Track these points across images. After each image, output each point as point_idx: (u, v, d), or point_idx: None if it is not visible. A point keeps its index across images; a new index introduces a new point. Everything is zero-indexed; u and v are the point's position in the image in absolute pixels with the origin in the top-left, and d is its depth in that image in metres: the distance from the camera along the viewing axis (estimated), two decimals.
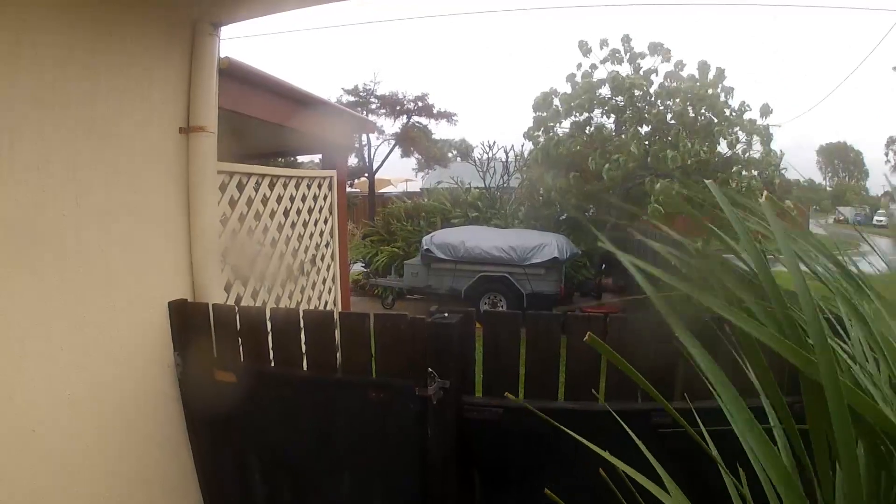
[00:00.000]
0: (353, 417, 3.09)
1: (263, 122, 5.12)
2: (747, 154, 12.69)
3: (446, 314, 2.85)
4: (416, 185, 35.59)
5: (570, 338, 2.84)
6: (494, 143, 22.72)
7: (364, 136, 28.15)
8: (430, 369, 2.78)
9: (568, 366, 2.86)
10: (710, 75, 12.78)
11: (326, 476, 3.25)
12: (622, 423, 1.72)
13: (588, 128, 14.19)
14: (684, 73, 13.25)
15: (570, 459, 2.74)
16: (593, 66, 13.87)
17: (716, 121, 12.90)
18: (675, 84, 13.21)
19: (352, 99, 28.97)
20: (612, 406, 2.76)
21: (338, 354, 3.14)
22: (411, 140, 31.23)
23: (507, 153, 19.59)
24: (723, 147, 12.80)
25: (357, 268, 16.24)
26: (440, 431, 2.86)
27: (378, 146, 30.97)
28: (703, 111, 12.79)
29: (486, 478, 2.98)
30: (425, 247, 13.16)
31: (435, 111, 30.95)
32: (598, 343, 1.09)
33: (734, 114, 12.75)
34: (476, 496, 2.97)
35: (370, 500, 3.17)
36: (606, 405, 2.41)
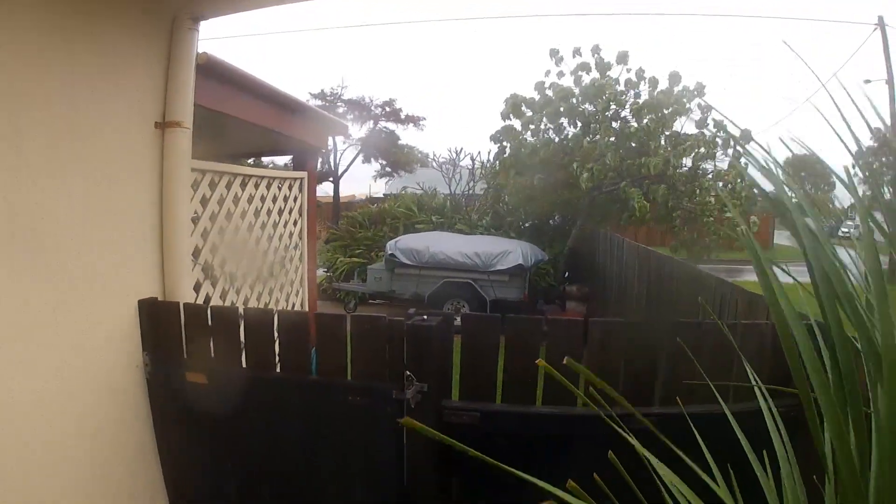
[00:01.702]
0: (329, 421, 3.05)
1: (236, 120, 5.06)
2: (713, 164, 12.83)
3: (425, 316, 2.83)
4: (380, 191, 35.52)
5: (550, 342, 2.84)
6: (461, 149, 22.75)
7: (330, 140, 28.08)
8: (408, 372, 2.76)
9: (546, 370, 2.86)
10: (679, 87, 12.91)
11: (300, 481, 3.20)
12: (654, 423, 1.69)
13: (559, 135, 14.25)
14: (649, 83, 13.38)
15: (548, 464, 2.74)
16: (560, 74, 13.94)
17: (685, 135, 13.05)
18: (644, 92, 13.34)
19: (319, 103, 28.85)
20: (591, 412, 2.77)
21: (312, 355, 3.10)
22: (377, 145, 31.17)
23: (473, 160, 19.68)
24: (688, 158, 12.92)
25: (320, 272, 16.14)
26: (419, 435, 2.83)
27: (344, 150, 30.92)
28: (668, 127, 12.94)
29: (464, 482, 2.96)
30: (389, 251, 13.13)
31: (402, 116, 30.98)
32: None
33: (709, 132, 12.90)
34: (454, 500, 2.95)
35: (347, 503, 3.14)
36: (619, 409, 2.41)
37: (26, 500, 2.69)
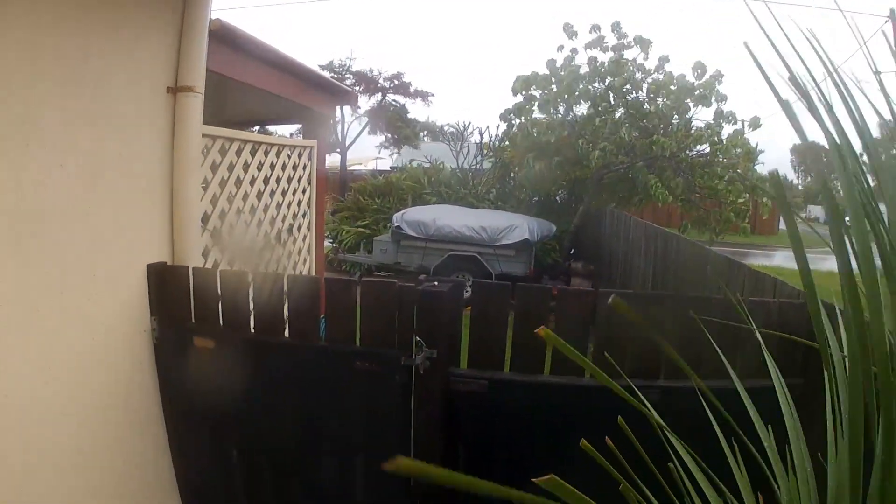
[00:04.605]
0: (336, 387, 3.06)
1: (246, 87, 5.05)
2: (724, 150, 12.72)
3: (436, 282, 2.83)
4: (386, 164, 35.47)
5: (559, 312, 2.84)
6: (469, 123, 22.66)
7: (338, 112, 27.98)
8: (417, 338, 2.76)
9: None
10: (705, 78, 12.80)
11: (307, 446, 3.22)
12: (659, 396, 1.69)
13: (569, 113, 14.14)
14: (669, 69, 13.28)
15: (555, 432, 2.75)
16: (574, 51, 13.81)
17: (698, 125, 13.00)
18: (660, 77, 13.22)
19: (327, 74, 28.73)
20: (597, 382, 2.78)
21: (321, 321, 3.10)
22: (385, 119, 31.10)
23: (481, 134, 19.62)
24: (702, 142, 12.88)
25: (326, 243, 16.14)
26: (426, 402, 2.84)
27: (351, 122, 30.84)
28: (685, 113, 12.87)
29: (471, 450, 2.98)
30: (396, 223, 13.12)
31: (411, 90, 30.89)
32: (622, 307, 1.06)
33: (722, 121, 12.79)
34: (460, 468, 2.97)
35: (352, 473, 3.15)
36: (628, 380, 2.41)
37: (31, 462, 2.69)
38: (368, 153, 35.40)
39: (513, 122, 14.89)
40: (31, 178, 2.57)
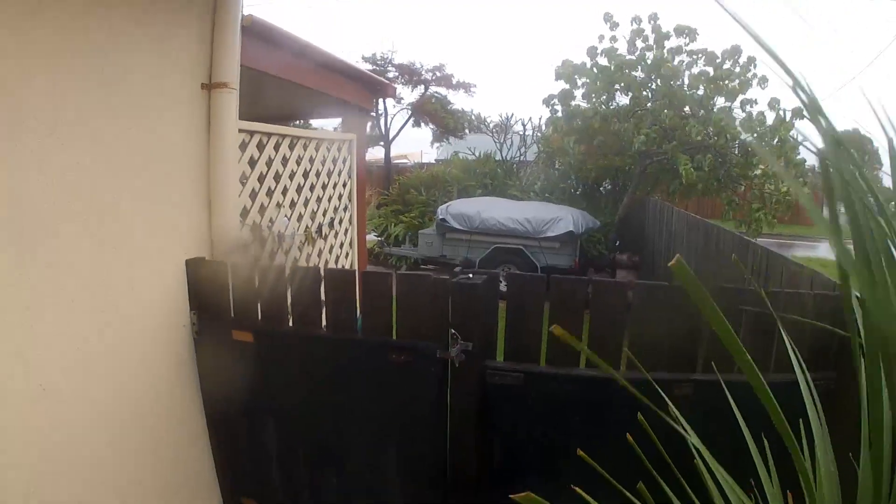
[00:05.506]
0: (372, 380, 3.06)
1: (282, 82, 5.09)
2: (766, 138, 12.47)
3: (471, 275, 2.82)
4: (430, 157, 35.40)
5: (594, 304, 2.80)
6: (512, 115, 22.49)
7: (381, 106, 27.97)
8: (452, 331, 2.75)
9: (591, 333, 2.82)
10: (741, 61, 12.57)
11: (344, 438, 3.23)
12: (694, 389, 1.66)
13: (610, 102, 13.99)
14: (706, 57, 13.05)
15: (591, 425, 2.72)
16: (614, 39, 13.65)
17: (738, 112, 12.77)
18: (699, 67, 13.01)
19: (369, 67, 28.71)
20: (634, 375, 2.74)
21: (358, 314, 3.11)
22: (428, 111, 31.02)
23: (524, 125, 19.53)
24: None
25: (371, 237, 16.18)
26: (462, 395, 2.83)
27: (394, 115, 30.83)
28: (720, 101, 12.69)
29: (506, 442, 2.96)
30: (440, 216, 13.10)
31: (453, 82, 30.72)
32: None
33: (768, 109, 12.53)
34: (495, 461, 2.95)
35: (387, 464, 3.15)
36: (659, 374, 2.37)
37: (67, 455, 2.73)
38: (412, 146, 35.36)
39: (556, 107, 14.78)
40: (61, 173, 2.60)
